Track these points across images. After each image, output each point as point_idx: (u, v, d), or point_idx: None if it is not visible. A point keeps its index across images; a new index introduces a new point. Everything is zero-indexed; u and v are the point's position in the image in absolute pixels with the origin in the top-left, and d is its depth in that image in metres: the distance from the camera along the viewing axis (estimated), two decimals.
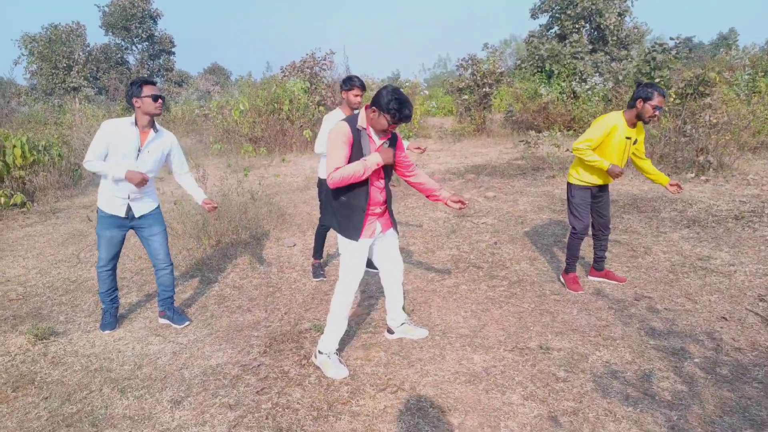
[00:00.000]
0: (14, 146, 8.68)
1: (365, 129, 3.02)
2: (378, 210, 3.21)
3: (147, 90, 3.52)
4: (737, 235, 5.63)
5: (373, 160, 2.97)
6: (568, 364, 3.26)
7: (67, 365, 3.46)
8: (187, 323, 4.00)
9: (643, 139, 4.28)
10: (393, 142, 3.17)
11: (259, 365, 3.37)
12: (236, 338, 3.77)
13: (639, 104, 3.99)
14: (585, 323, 3.80)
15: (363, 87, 4.38)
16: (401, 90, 2.95)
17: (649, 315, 3.89)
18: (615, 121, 4.07)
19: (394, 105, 2.86)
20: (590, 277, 4.63)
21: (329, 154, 2.98)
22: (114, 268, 3.96)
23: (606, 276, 4.57)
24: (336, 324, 3.24)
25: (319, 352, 3.27)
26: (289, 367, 3.34)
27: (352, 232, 3.12)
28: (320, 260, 4.97)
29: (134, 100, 3.53)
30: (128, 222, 3.78)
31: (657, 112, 3.93)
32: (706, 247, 5.32)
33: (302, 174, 10.80)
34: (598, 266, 4.59)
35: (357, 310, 4.16)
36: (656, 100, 3.91)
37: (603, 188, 4.35)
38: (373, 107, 2.93)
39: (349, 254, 3.17)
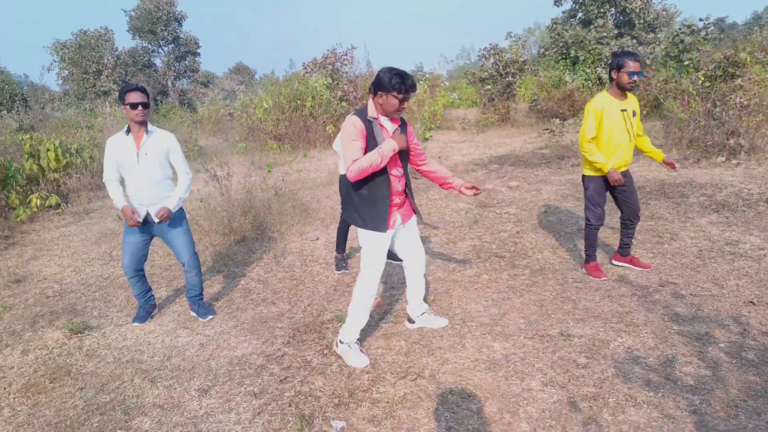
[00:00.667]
0: (48, 150, 9.00)
1: (376, 119, 3.05)
2: (398, 200, 3.24)
3: (129, 98, 3.60)
4: None
5: (387, 146, 2.99)
6: (589, 350, 3.25)
7: (100, 357, 3.60)
8: (210, 317, 4.11)
9: (638, 112, 4.20)
10: (403, 128, 3.20)
11: (282, 355, 3.46)
12: (261, 329, 3.87)
13: (614, 75, 4.01)
14: (607, 310, 3.78)
15: None
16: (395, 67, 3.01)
17: (674, 301, 3.84)
18: (599, 100, 4.09)
19: (396, 80, 2.91)
20: (614, 262, 4.58)
21: (344, 149, 3.02)
22: (139, 274, 4.05)
23: (630, 262, 4.51)
24: (357, 315, 3.29)
25: (340, 341, 3.33)
26: (312, 356, 3.42)
27: (378, 223, 3.13)
28: (342, 254, 5.04)
29: (122, 108, 3.67)
30: (149, 228, 3.89)
31: (635, 78, 3.92)
32: (735, 231, 5.20)
33: (325, 169, 10.89)
34: (623, 252, 4.54)
35: (378, 301, 4.21)
36: (629, 66, 3.91)
37: (623, 175, 4.28)
38: (379, 92, 2.97)
39: (371, 246, 3.20)
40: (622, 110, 4.08)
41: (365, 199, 3.13)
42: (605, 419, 2.61)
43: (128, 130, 3.74)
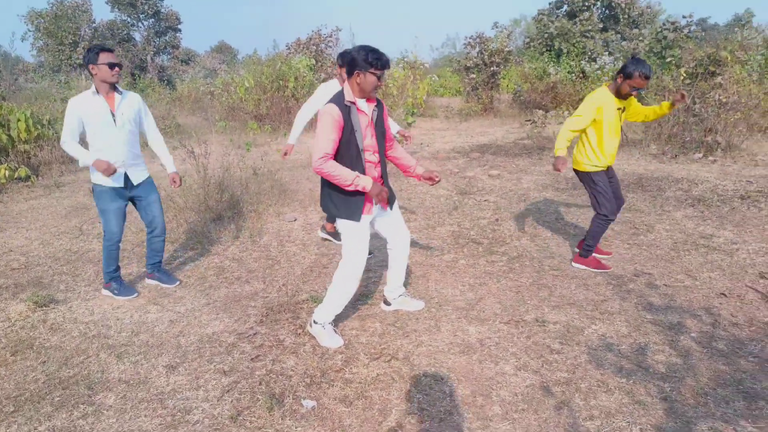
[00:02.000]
0: (18, 120, 8.70)
1: (353, 103, 2.98)
2: None
3: (104, 57, 3.49)
4: (742, 214, 5.57)
5: (366, 183, 2.95)
6: (563, 336, 3.26)
7: (65, 331, 3.49)
8: (177, 283, 4.15)
9: (634, 101, 4.15)
10: (380, 108, 3.14)
11: (255, 334, 3.39)
12: (234, 308, 3.79)
13: (619, 79, 3.91)
14: (582, 298, 3.79)
15: None
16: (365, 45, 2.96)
17: (648, 291, 3.87)
18: (603, 99, 3.99)
19: (373, 56, 2.87)
20: (577, 249, 4.61)
21: (318, 137, 2.92)
22: (120, 242, 3.98)
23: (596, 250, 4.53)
24: (336, 301, 3.22)
25: (314, 321, 3.28)
26: (285, 336, 3.36)
27: (353, 212, 3.07)
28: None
29: (91, 66, 3.51)
30: (127, 192, 3.82)
31: (634, 93, 3.85)
32: (709, 225, 5.27)
33: (306, 151, 10.75)
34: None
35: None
36: (636, 81, 3.78)
37: (610, 168, 4.30)
38: (356, 72, 2.90)
39: (350, 235, 3.12)
40: (618, 109, 4.05)
41: (339, 188, 3.03)
42: (577, 404, 2.61)
43: (96, 91, 3.59)
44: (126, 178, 3.76)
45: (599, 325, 3.38)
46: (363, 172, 3.03)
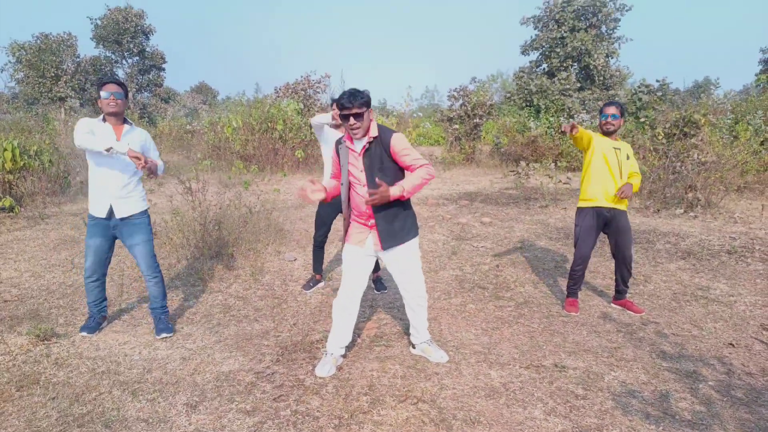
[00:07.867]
0: (5, 150, 8.52)
1: (346, 139, 3.27)
2: (364, 220, 3.26)
3: (103, 90, 3.55)
4: (732, 268, 5.76)
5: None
6: (584, 382, 3.27)
7: (72, 367, 3.34)
8: (164, 335, 3.81)
9: (632, 156, 4.43)
10: (378, 145, 3.14)
11: (273, 373, 3.30)
12: (246, 346, 3.69)
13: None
14: (596, 345, 3.82)
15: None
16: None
17: (658, 339, 3.93)
18: (597, 136, 4.38)
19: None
20: (612, 304, 4.63)
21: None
22: (100, 280, 3.84)
23: (624, 305, 4.54)
24: (333, 325, 3.40)
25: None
26: (304, 376, 3.28)
27: (343, 236, 3.38)
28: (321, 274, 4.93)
29: (98, 101, 3.63)
30: (111, 227, 3.69)
31: (608, 119, 4.29)
32: (704, 277, 5.43)
33: (294, 192, 10.76)
34: (616, 295, 4.59)
35: (369, 325, 4.12)
36: (603, 111, 4.38)
37: (614, 214, 4.34)
38: None
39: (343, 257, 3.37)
40: (615, 148, 4.30)
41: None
42: None
43: (104, 119, 3.62)
44: (111, 210, 3.65)
45: (618, 372, 3.40)
46: (348, 200, 3.27)
